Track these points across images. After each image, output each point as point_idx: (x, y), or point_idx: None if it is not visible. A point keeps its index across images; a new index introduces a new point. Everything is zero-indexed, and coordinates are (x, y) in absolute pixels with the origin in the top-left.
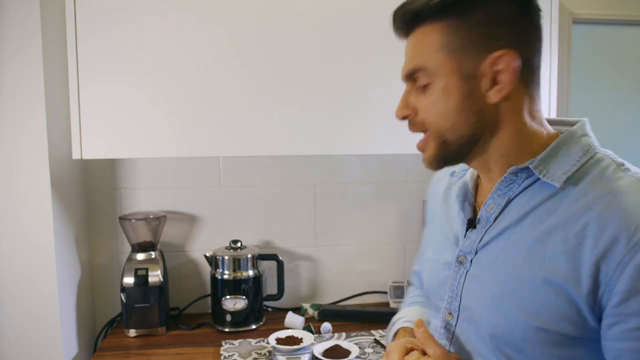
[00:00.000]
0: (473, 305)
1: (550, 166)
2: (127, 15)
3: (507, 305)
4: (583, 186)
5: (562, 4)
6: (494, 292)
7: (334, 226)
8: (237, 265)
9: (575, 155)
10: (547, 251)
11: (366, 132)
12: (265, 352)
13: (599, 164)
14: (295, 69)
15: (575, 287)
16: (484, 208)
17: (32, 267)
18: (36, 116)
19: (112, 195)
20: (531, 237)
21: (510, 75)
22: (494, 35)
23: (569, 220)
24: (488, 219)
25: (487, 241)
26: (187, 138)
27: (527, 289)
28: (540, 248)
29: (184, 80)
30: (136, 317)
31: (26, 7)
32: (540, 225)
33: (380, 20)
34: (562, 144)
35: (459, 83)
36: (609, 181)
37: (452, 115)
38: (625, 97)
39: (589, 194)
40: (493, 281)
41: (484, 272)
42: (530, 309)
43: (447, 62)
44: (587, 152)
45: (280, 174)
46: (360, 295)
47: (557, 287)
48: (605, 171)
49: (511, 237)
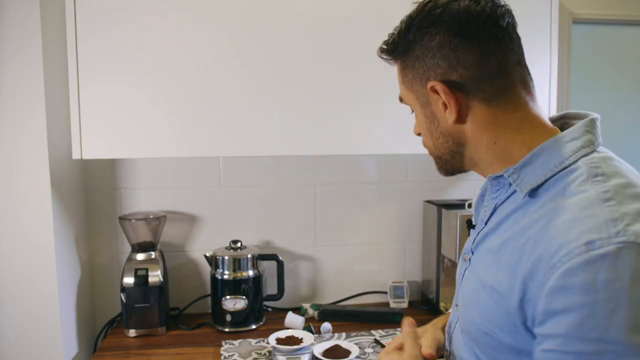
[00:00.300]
0: (460, 301)
1: (523, 174)
2: (127, 15)
3: (471, 306)
4: (543, 199)
5: (562, 4)
6: (468, 291)
7: (334, 226)
8: (237, 265)
9: (550, 165)
10: (501, 260)
11: (366, 132)
12: (265, 352)
13: (569, 175)
14: (295, 69)
15: (511, 301)
16: (481, 211)
17: (32, 267)
18: (36, 116)
19: (112, 195)
20: (497, 244)
21: (451, 100)
22: (429, 66)
23: (520, 232)
24: (482, 221)
25: (477, 242)
26: (187, 138)
27: (483, 294)
28: (499, 256)
29: (184, 80)
30: (136, 317)
31: (26, 7)
32: (505, 234)
33: (380, 21)
34: (543, 150)
35: (421, 110)
36: (564, 196)
37: (428, 137)
38: (625, 97)
39: (543, 208)
40: (470, 281)
41: (472, 271)
42: (481, 314)
43: (409, 93)
44: (566, 160)
45: (280, 174)
46: (360, 295)
47: (499, 298)
48: (571, 184)
49: (488, 242)
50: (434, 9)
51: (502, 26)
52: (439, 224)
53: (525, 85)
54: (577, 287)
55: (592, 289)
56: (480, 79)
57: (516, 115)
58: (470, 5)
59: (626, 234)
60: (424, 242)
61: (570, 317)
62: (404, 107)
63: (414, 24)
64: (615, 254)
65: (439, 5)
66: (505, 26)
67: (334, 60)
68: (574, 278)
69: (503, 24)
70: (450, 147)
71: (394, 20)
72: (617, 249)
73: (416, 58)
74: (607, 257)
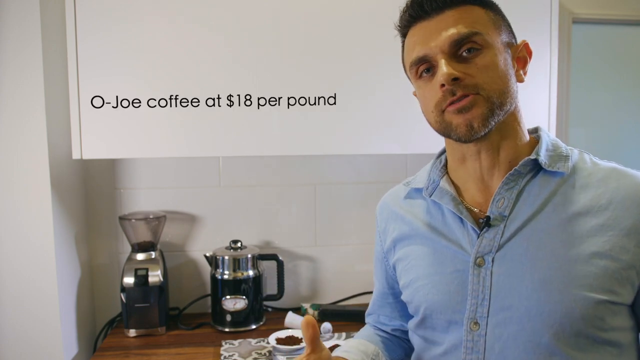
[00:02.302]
0: (514, 304)
1: (547, 158)
2: (127, 15)
3: (560, 288)
4: (582, 170)
5: (562, 4)
6: (539, 281)
7: (334, 226)
8: (237, 265)
9: (560, 149)
10: (583, 228)
11: (366, 132)
12: (266, 352)
13: (573, 154)
14: (294, 68)
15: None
16: (493, 205)
17: (32, 267)
18: (36, 116)
19: (112, 195)
20: (561, 220)
21: (527, 63)
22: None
23: (593, 199)
24: (502, 214)
25: (509, 235)
26: (187, 138)
27: (579, 265)
28: (575, 228)
29: (183, 80)
30: (136, 317)
31: (26, 7)
32: (564, 209)
33: (381, 22)
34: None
35: (505, 55)
36: (595, 164)
37: (503, 80)
38: (625, 97)
39: (593, 175)
40: (533, 271)
41: (516, 266)
42: (587, 283)
43: (496, 35)
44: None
45: (280, 174)
46: (360, 295)
47: (609, 259)
48: (583, 157)
49: (538, 225)
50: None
51: None
52: None
53: None
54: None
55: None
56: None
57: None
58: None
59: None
60: None
61: None
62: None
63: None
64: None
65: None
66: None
67: (334, 60)
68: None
69: None
70: (512, 97)
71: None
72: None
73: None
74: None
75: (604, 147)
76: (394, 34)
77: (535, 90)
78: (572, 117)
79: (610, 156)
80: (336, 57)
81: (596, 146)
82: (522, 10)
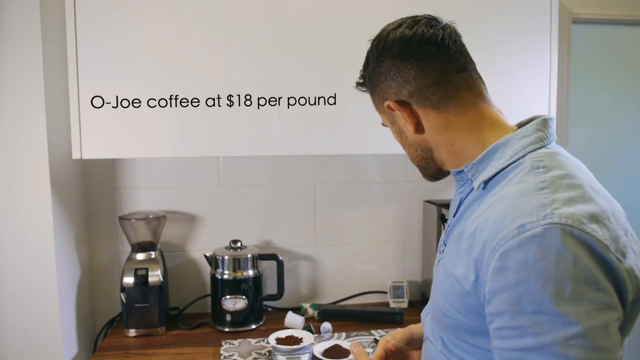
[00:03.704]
0: (432, 290)
1: (480, 169)
2: (127, 15)
3: (436, 292)
4: (493, 190)
5: (562, 4)
6: (437, 279)
7: (334, 226)
8: (237, 265)
9: (503, 159)
10: (458, 247)
11: (366, 132)
12: (265, 352)
13: (516, 168)
14: (294, 68)
15: (466, 284)
16: (452, 205)
17: (32, 267)
18: (36, 116)
19: (112, 195)
20: (457, 234)
21: (404, 113)
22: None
23: (472, 221)
24: (451, 215)
25: (447, 234)
26: (187, 138)
27: (445, 280)
28: (457, 244)
29: (183, 80)
30: (136, 317)
31: (26, 7)
32: (464, 224)
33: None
34: (497, 147)
35: (392, 128)
36: (508, 186)
37: (405, 150)
38: (625, 96)
39: (492, 197)
40: (439, 270)
41: (442, 261)
42: (442, 298)
43: (382, 116)
44: (515, 155)
45: (280, 174)
46: (360, 295)
47: (456, 282)
48: (515, 176)
49: (453, 233)
50: (380, 41)
51: (437, 42)
52: (438, 224)
53: (473, 88)
54: (513, 267)
55: (525, 267)
56: (425, 90)
57: (467, 116)
58: (404, 31)
59: (552, 217)
60: (424, 242)
61: (510, 294)
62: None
63: (370, 57)
64: (542, 235)
65: (383, 36)
66: (439, 42)
67: (334, 60)
68: (510, 259)
69: (437, 40)
70: (421, 154)
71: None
72: (544, 230)
73: (376, 84)
74: (536, 238)
75: (603, 147)
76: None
77: (535, 90)
78: (572, 117)
79: (610, 156)
80: (336, 57)
81: (596, 146)
82: (522, 10)
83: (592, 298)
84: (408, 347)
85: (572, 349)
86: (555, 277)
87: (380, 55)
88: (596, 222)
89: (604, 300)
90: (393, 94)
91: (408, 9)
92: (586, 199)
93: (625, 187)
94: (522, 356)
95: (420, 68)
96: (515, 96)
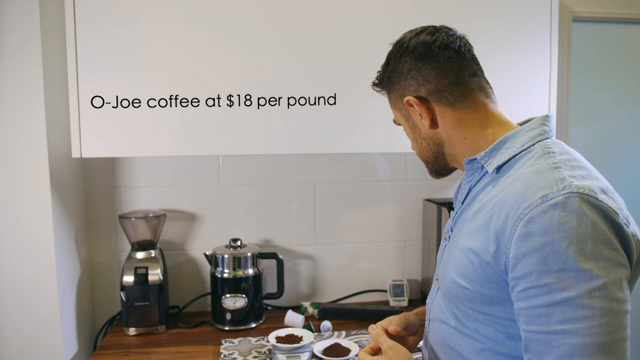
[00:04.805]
0: (440, 272)
1: (492, 157)
2: (126, 15)
3: (450, 269)
4: (508, 173)
5: (562, 2)
6: (447, 258)
7: (334, 225)
8: (237, 264)
9: (514, 147)
10: (475, 223)
11: (366, 131)
12: (265, 350)
13: (528, 154)
14: (295, 69)
15: (485, 255)
16: (458, 195)
17: (32, 265)
18: (35, 115)
19: (112, 193)
20: (471, 214)
21: (423, 109)
22: (405, 86)
23: (490, 200)
24: (459, 202)
25: (455, 220)
26: (186, 136)
27: (460, 256)
28: (473, 222)
29: (183, 79)
30: (136, 315)
31: (25, 6)
32: (478, 204)
33: (380, 22)
34: (507, 138)
35: (406, 124)
36: (523, 168)
37: (415, 145)
38: (625, 95)
39: (508, 179)
40: (450, 251)
41: (451, 244)
42: (458, 272)
43: (397, 112)
44: (525, 143)
45: (280, 173)
46: (360, 293)
47: (473, 255)
48: (529, 160)
49: (464, 215)
50: (403, 44)
51: (455, 49)
52: (438, 222)
53: (483, 90)
54: (538, 231)
55: (550, 231)
56: (443, 89)
57: (478, 114)
58: (426, 37)
59: (571, 187)
60: (423, 240)
61: (537, 255)
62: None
63: (391, 57)
64: (563, 202)
65: (406, 40)
66: (457, 49)
67: (334, 60)
68: (535, 224)
69: (455, 47)
70: (432, 149)
71: (394, 21)
72: (565, 198)
73: (396, 83)
74: (558, 205)
75: (603, 146)
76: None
77: (535, 89)
78: (572, 116)
79: (610, 155)
80: (336, 57)
81: (596, 145)
82: (522, 9)
83: (608, 256)
84: (404, 332)
85: (595, 300)
86: (578, 238)
87: (402, 56)
88: (605, 194)
89: (617, 259)
90: (413, 92)
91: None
92: (593, 177)
93: (625, 186)
94: (550, 311)
95: (440, 69)
96: (515, 94)
